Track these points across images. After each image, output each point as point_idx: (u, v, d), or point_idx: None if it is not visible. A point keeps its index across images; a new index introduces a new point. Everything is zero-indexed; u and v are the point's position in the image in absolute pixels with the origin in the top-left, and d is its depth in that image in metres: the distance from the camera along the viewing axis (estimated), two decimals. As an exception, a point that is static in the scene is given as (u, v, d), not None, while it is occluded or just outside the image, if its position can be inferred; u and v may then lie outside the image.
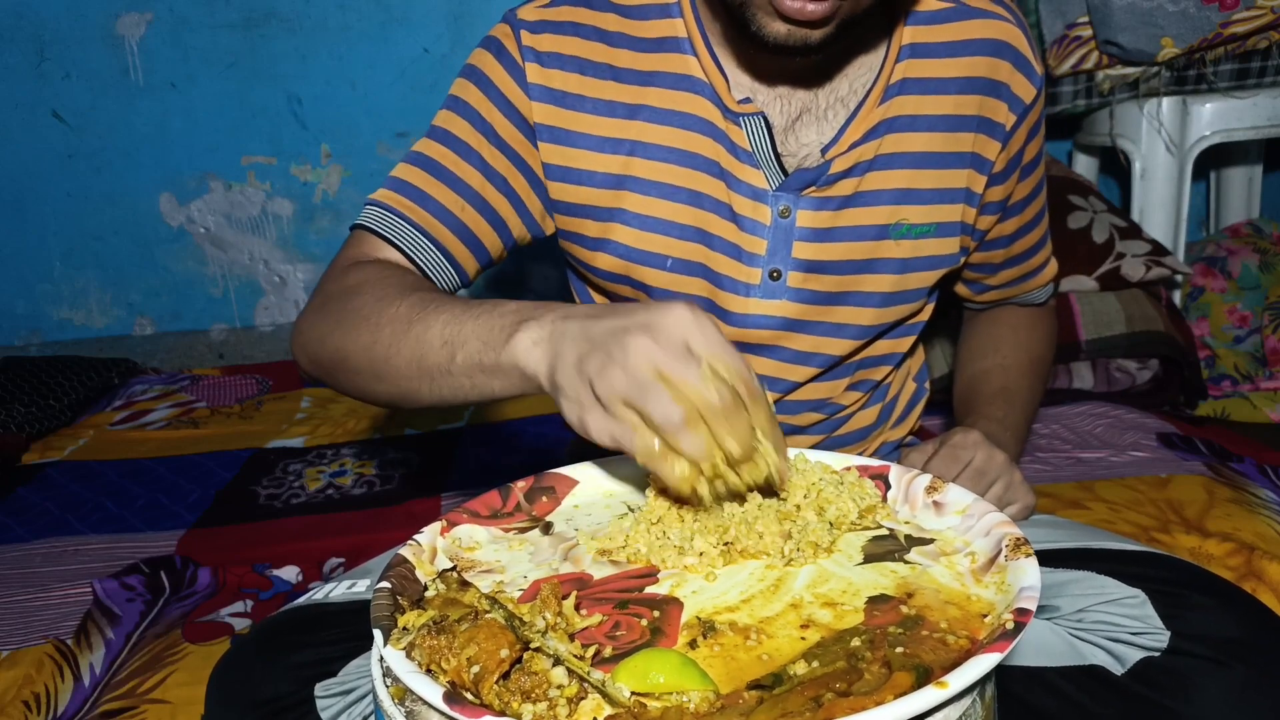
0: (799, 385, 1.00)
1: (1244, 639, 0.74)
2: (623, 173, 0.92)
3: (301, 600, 0.86)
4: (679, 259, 0.93)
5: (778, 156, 0.90)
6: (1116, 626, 0.77)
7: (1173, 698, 0.73)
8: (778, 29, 0.78)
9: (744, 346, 0.97)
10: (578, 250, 0.97)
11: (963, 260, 1.00)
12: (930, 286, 0.99)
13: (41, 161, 2.29)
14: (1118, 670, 0.75)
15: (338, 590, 0.86)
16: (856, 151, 0.91)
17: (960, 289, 1.12)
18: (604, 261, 0.95)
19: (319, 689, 0.77)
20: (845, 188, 0.92)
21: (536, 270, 2.40)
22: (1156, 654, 0.75)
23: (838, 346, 0.98)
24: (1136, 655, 0.75)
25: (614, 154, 0.92)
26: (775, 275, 0.94)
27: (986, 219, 0.99)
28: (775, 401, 1.01)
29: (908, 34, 0.92)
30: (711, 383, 0.59)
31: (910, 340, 1.05)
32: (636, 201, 0.92)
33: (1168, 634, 0.75)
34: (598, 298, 1.04)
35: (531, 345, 0.67)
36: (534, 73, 0.91)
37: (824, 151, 0.91)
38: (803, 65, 0.86)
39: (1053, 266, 1.13)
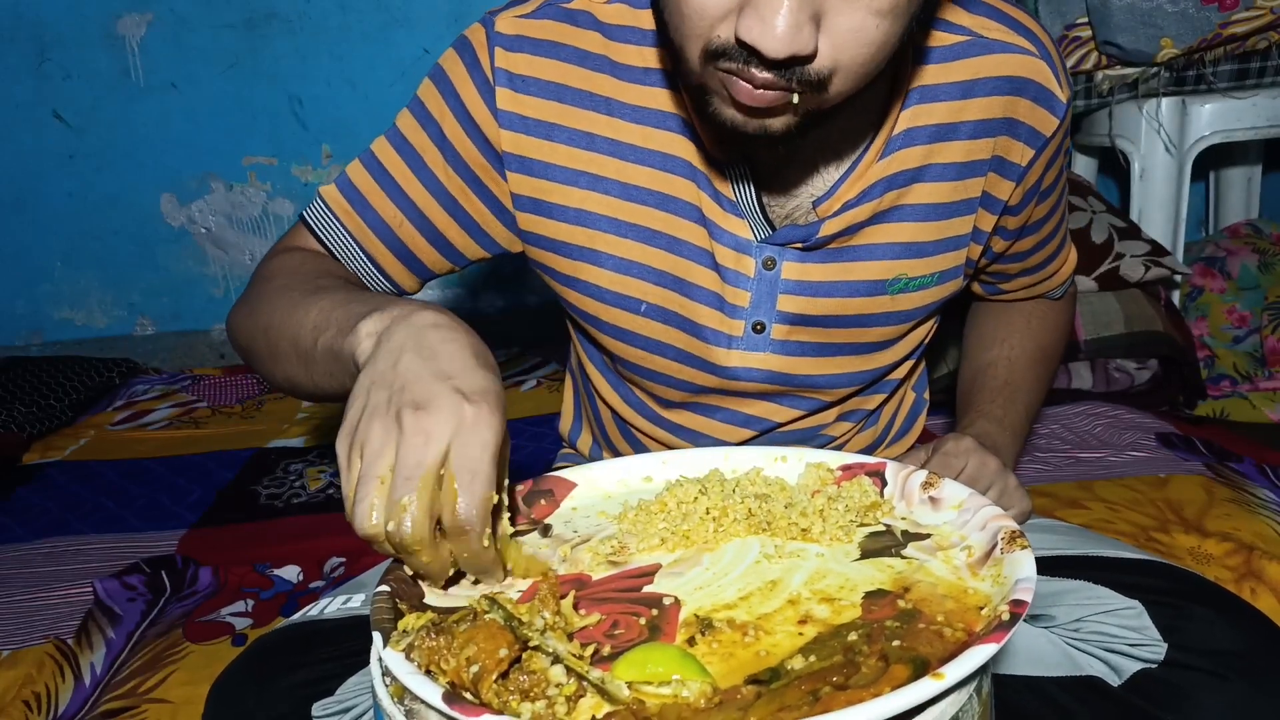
0: (786, 424, 0.97)
1: (1243, 652, 0.73)
2: (597, 210, 0.86)
3: (296, 618, 0.85)
4: (654, 305, 0.89)
5: (763, 208, 0.84)
6: (1113, 637, 0.77)
7: (1170, 710, 0.72)
8: (734, 115, 0.69)
9: (729, 394, 0.94)
10: (550, 281, 0.93)
11: (966, 284, 0.96)
12: (931, 323, 0.96)
13: (42, 162, 2.29)
14: (1114, 681, 0.74)
15: (332, 606, 0.85)
16: (851, 213, 0.84)
17: (974, 288, 1.08)
18: (575, 298, 0.91)
19: (317, 708, 0.75)
20: (837, 241, 0.86)
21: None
22: (1154, 666, 0.74)
23: (830, 395, 0.96)
24: (1134, 667, 0.74)
25: (589, 190, 0.86)
26: (759, 328, 0.89)
27: (1000, 242, 0.95)
28: (758, 436, 0.98)
29: (915, 75, 0.83)
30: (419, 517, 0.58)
31: (909, 365, 1.01)
32: (610, 242, 0.87)
33: (1165, 646, 0.74)
34: (573, 332, 1.03)
35: (365, 336, 0.66)
36: (505, 98, 0.84)
37: (815, 205, 0.84)
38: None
39: (1070, 263, 1.07)
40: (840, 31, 0.64)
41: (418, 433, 0.58)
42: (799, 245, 0.86)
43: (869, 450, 1.06)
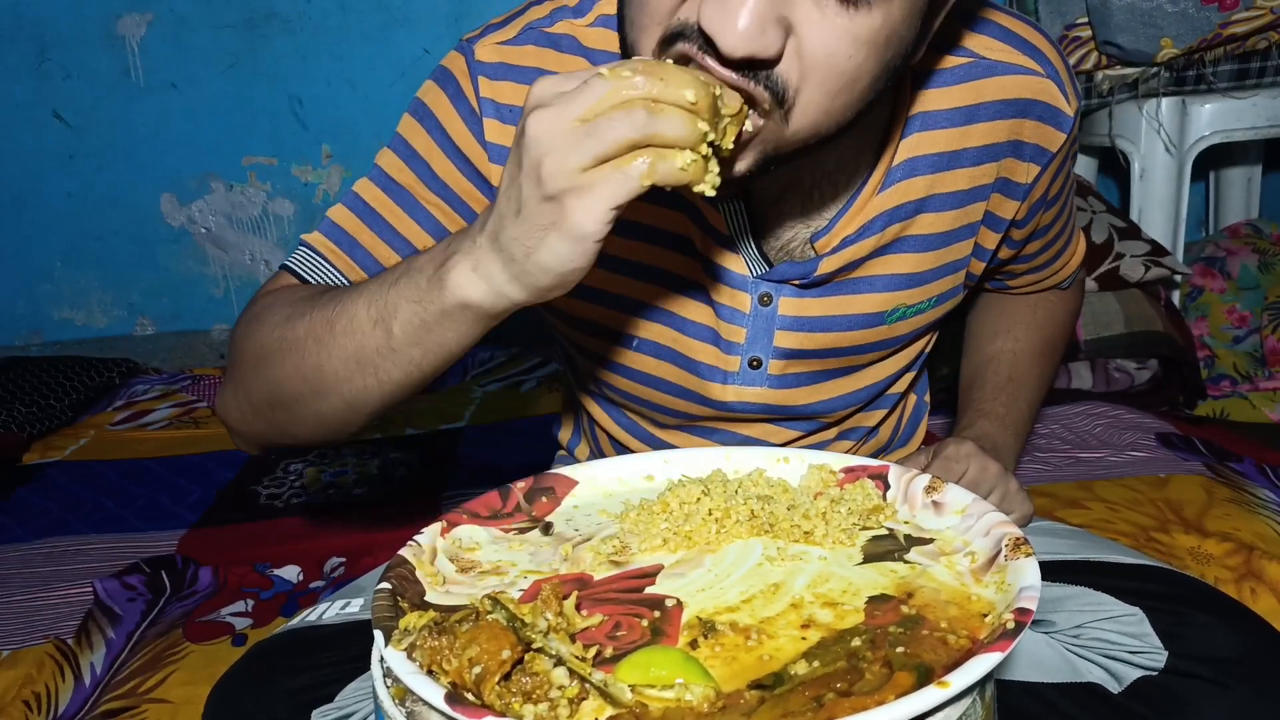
0: (785, 444, 0.96)
1: (1244, 659, 0.73)
2: None
3: (295, 623, 0.84)
4: (647, 340, 0.87)
5: (758, 243, 0.82)
6: (1114, 644, 0.76)
7: (1171, 718, 0.71)
8: None
9: (726, 420, 0.93)
10: (541, 312, 0.89)
11: (966, 293, 0.95)
12: (931, 336, 0.96)
13: (42, 162, 2.29)
14: (1115, 688, 0.74)
15: (331, 611, 0.84)
16: (851, 249, 0.81)
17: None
18: (566, 331, 0.89)
19: (316, 715, 0.74)
20: (836, 276, 0.84)
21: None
22: (1154, 673, 0.73)
23: (828, 419, 0.95)
24: (1134, 674, 0.74)
25: None
26: (755, 364, 0.87)
27: (1007, 250, 0.94)
28: None
29: (915, 101, 0.80)
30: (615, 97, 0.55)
31: (909, 378, 1.00)
32: (601, 277, 0.83)
33: (1165, 653, 0.74)
34: (566, 353, 1.01)
35: (471, 272, 0.63)
36: (493, 130, 0.80)
37: (813, 240, 0.82)
38: None
39: (1078, 254, 1.05)
40: (811, 47, 0.61)
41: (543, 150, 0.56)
42: (796, 282, 0.84)
43: (872, 457, 1.06)
